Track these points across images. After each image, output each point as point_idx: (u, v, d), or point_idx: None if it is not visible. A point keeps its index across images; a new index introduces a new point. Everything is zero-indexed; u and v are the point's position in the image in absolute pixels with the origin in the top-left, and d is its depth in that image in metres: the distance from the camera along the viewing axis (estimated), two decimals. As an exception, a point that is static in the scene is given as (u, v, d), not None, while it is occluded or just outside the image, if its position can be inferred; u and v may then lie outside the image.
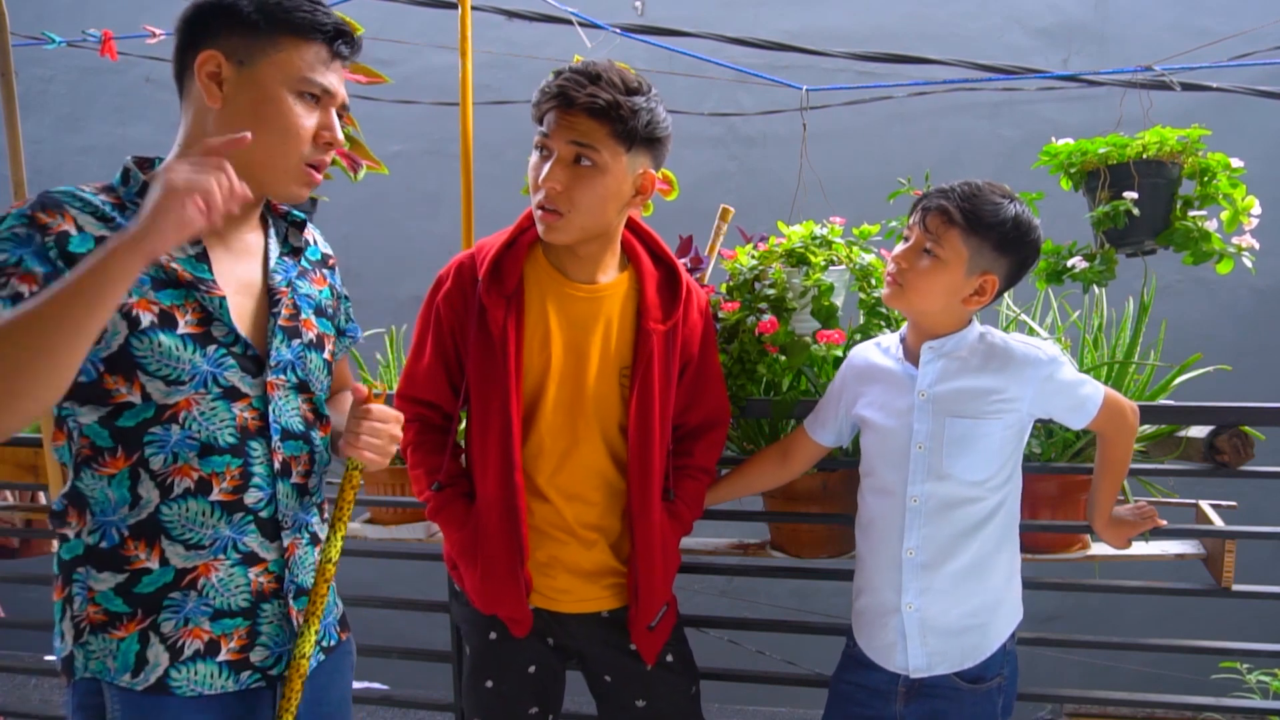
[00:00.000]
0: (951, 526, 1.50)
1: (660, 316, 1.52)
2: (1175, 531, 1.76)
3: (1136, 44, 3.85)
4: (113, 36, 2.68)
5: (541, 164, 1.44)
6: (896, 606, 1.52)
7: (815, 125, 3.18)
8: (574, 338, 1.51)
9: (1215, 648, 1.91)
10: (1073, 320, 2.10)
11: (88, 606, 1.17)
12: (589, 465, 1.53)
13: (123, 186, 1.18)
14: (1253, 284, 3.77)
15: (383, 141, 3.18)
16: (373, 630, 3.00)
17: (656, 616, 1.58)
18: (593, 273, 1.52)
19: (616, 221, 1.51)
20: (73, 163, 4.60)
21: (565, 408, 1.52)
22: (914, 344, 1.55)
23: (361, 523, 2.19)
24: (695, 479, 1.64)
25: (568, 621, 1.58)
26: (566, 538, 1.54)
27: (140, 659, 1.16)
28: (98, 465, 1.15)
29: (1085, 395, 1.52)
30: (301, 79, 1.18)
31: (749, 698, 4.12)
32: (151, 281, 1.14)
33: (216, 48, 1.16)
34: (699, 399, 1.63)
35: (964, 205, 1.46)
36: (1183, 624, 3.27)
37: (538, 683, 1.59)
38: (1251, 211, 1.95)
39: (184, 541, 1.17)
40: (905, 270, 1.49)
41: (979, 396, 1.49)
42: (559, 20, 2.81)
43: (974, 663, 1.52)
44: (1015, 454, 1.54)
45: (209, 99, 1.16)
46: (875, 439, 1.58)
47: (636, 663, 1.60)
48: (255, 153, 1.16)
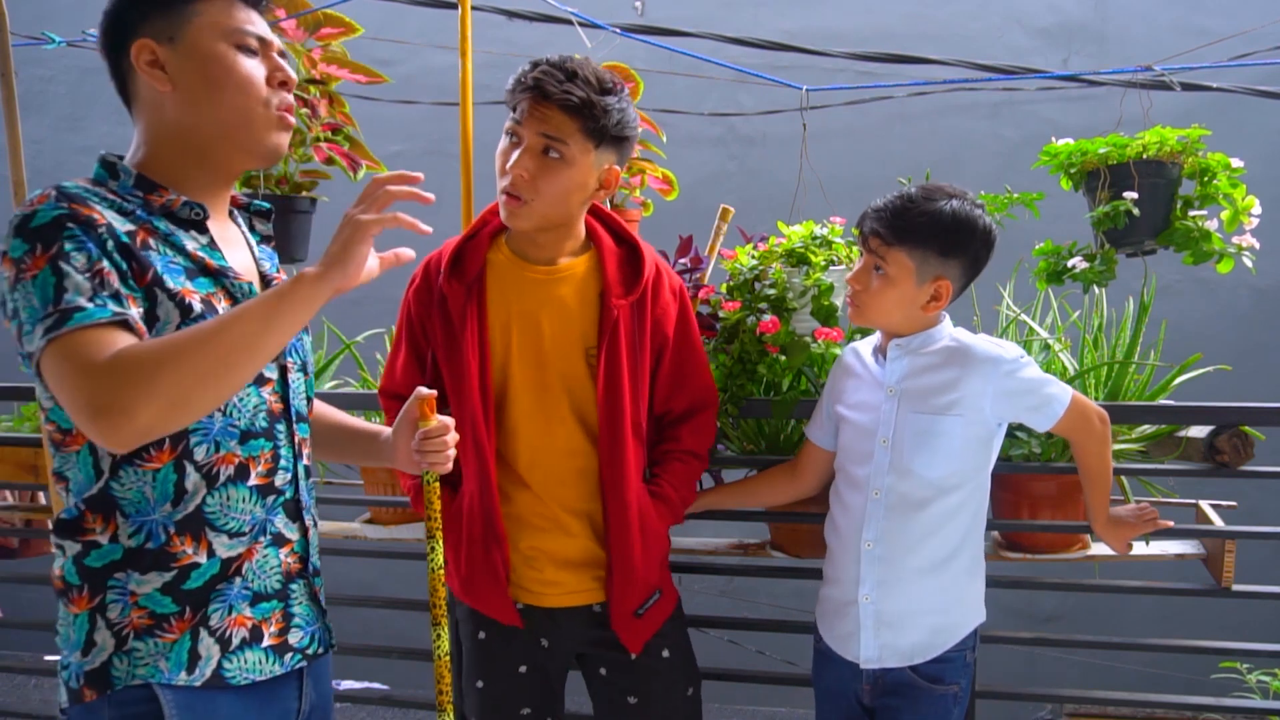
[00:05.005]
0: (910, 522, 1.52)
1: (622, 292, 1.53)
2: (1175, 531, 1.76)
3: (1136, 44, 3.85)
4: (113, 36, 2.67)
5: (510, 150, 1.48)
6: (855, 597, 1.55)
7: (815, 125, 3.17)
8: (534, 319, 1.53)
9: (1215, 648, 1.91)
10: (1073, 320, 2.10)
11: (131, 612, 1.13)
12: (564, 448, 1.54)
13: (113, 180, 1.17)
14: (1253, 284, 3.76)
15: (383, 141, 3.17)
16: (373, 630, 3.00)
17: (644, 603, 1.57)
18: (552, 256, 1.55)
19: (578, 212, 1.54)
20: (73, 163, 4.59)
21: (533, 390, 1.53)
22: (885, 343, 1.58)
23: (361, 522, 2.19)
24: (684, 462, 1.65)
25: (559, 617, 1.58)
26: (549, 525, 1.55)
27: (194, 655, 1.14)
28: (141, 461, 1.12)
29: (1050, 395, 1.52)
30: (234, 30, 1.18)
31: (749, 698, 4.12)
32: (185, 271, 1.14)
33: (142, 36, 1.15)
34: (682, 384, 1.63)
35: (896, 222, 1.48)
36: (1183, 624, 3.27)
37: (529, 683, 1.59)
38: (1251, 211, 1.95)
39: (227, 531, 1.17)
40: (860, 292, 1.53)
41: (940, 393, 1.51)
42: (559, 20, 2.80)
43: (924, 659, 1.54)
44: (979, 456, 1.55)
45: (159, 85, 1.16)
46: (849, 434, 1.61)
47: (624, 653, 1.59)
48: (220, 114, 1.17)
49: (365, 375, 2.33)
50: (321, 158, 2.08)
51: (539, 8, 2.97)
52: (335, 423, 1.50)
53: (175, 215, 1.17)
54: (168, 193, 1.17)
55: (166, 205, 1.17)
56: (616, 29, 2.97)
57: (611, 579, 1.54)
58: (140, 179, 1.17)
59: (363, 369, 2.33)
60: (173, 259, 1.14)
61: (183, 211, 1.17)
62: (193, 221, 1.19)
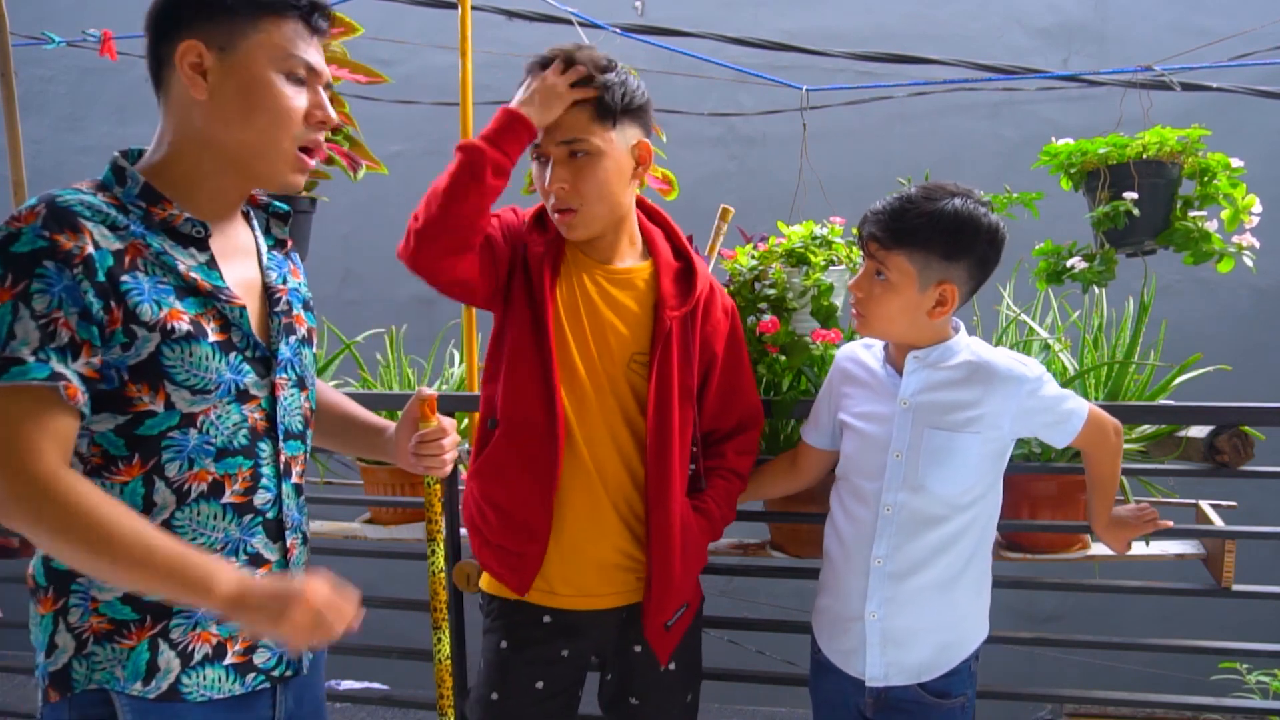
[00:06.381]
0: (922, 539, 1.48)
1: (676, 304, 1.53)
2: (1175, 531, 1.76)
3: (1136, 44, 3.86)
4: (113, 36, 2.68)
5: (542, 171, 1.49)
6: (860, 613, 1.51)
7: (815, 125, 3.18)
8: (590, 312, 1.52)
9: (1215, 648, 1.91)
10: (1073, 320, 2.10)
11: (90, 618, 1.13)
12: (607, 432, 1.52)
13: (119, 186, 1.14)
14: (1253, 284, 3.77)
15: (383, 141, 3.17)
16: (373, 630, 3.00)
17: (675, 615, 1.57)
18: (610, 256, 1.55)
19: (628, 200, 1.54)
20: (73, 163, 4.59)
21: (585, 382, 1.51)
22: (897, 352, 1.53)
23: (361, 522, 2.19)
24: (727, 480, 1.64)
25: (583, 620, 1.56)
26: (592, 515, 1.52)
27: (151, 666, 1.13)
28: (109, 474, 1.12)
29: (1069, 410, 1.49)
30: (287, 57, 1.15)
31: (749, 698, 4.12)
32: (175, 291, 1.12)
33: (194, 36, 1.12)
34: (731, 402, 1.63)
35: (895, 224, 1.41)
36: (1183, 624, 3.27)
37: (545, 698, 1.57)
38: (1252, 211, 1.95)
39: (195, 546, 1.15)
40: (863, 300, 1.48)
41: (960, 410, 1.47)
42: (559, 20, 2.81)
43: (931, 677, 1.51)
44: (993, 472, 1.52)
45: (194, 91, 1.13)
46: (855, 443, 1.56)
47: (643, 661, 1.58)
48: (248, 138, 1.15)
49: (365, 375, 2.33)
50: (322, 157, 2.07)
51: (539, 8, 2.97)
52: (343, 413, 1.49)
53: (176, 230, 1.15)
54: (171, 206, 1.14)
55: (168, 220, 1.14)
56: (616, 29, 2.97)
57: (650, 591, 1.53)
58: (146, 189, 1.14)
59: (363, 369, 2.33)
60: (161, 279, 1.11)
61: (184, 228, 1.15)
62: (193, 238, 1.16)
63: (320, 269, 4.23)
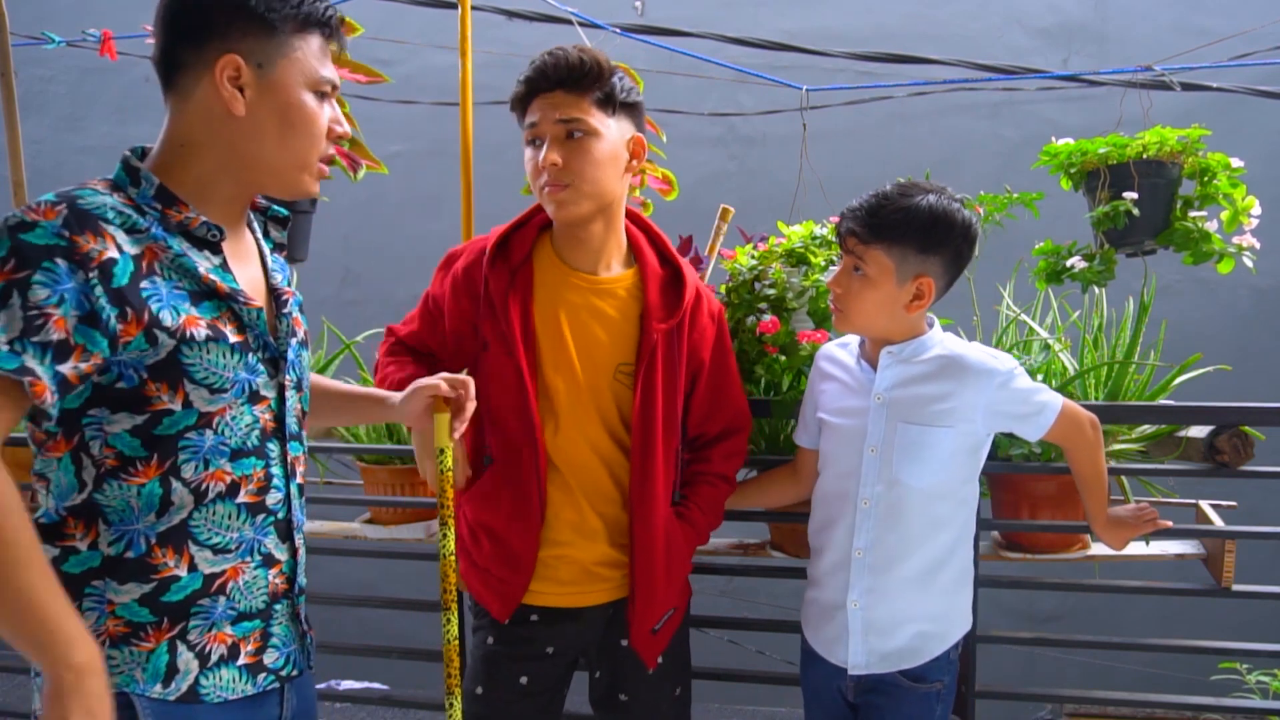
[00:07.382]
0: (900, 531, 1.51)
1: (663, 316, 1.53)
2: (1175, 531, 1.76)
3: (1136, 44, 3.86)
4: (113, 36, 2.68)
5: (536, 153, 1.48)
6: (842, 603, 1.54)
7: (815, 125, 3.18)
8: (572, 325, 1.52)
9: (1215, 648, 1.91)
10: (1073, 320, 2.10)
11: (107, 620, 1.12)
12: (589, 447, 1.53)
13: (133, 188, 1.13)
14: (1253, 284, 3.77)
15: (383, 141, 3.17)
16: (373, 630, 3.00)
17: (660, 620, 1.58)
18: (595, 264, 1.54)
19: (619, 191, 1.53)
20: (73, 163, 4.60)
21: (565, 395, 1.52)
22: (872, 347, 1.56)
23: (361, 522, 2.18)
24: (713, 485, 1.64)
25: (569, 616, 1.57)
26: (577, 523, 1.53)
27: (170, 668, 1.13)
28: (126, 475, 1.11)
29: (1041, 403, 1.51)
30: (318, 78, 1.17)
31: (749, 698, 4.12)
32: (190, 296, 1.11)
33: (233, 50, 1.11)
34: (718, 407, 1.63)
35: (871, 220, 1.45)
36: (1183, 624, 3.27)
37: (529, 695, 1.58)
38: (1251, 211, 1.96)
39: (211, 546, 1.16)
40: (842, 295, 1.51)
41: (932, 404, 1.49)
42: (559, 20, 2.81)
43: (910, 665, 1.54)
44: (968, 467, 1.54)
45: (234, 107, 1.12)
46: (831, 438, 1.59)
47: (630, 657, 1.59)
48: (281, 156, 1.16)
49: (365, 375, 2.33)
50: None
51: (539, 8, 2.97)
52: (331, 389, 1.51)
53: (191, 234, 1.14)
54: (187, 209, 1.13)
55: (184, 224, 1.13)
56: (616, 29, 2.97)
57: (634, 600, 1.54)
58: (161, 191, 1.13)
59: (362, 369, 2.33)
60: (178, 283, 1.11)
61: (199, 231, 1.14)
62: (207, 242, 1.16)
63: (320, 269, 4.24)
